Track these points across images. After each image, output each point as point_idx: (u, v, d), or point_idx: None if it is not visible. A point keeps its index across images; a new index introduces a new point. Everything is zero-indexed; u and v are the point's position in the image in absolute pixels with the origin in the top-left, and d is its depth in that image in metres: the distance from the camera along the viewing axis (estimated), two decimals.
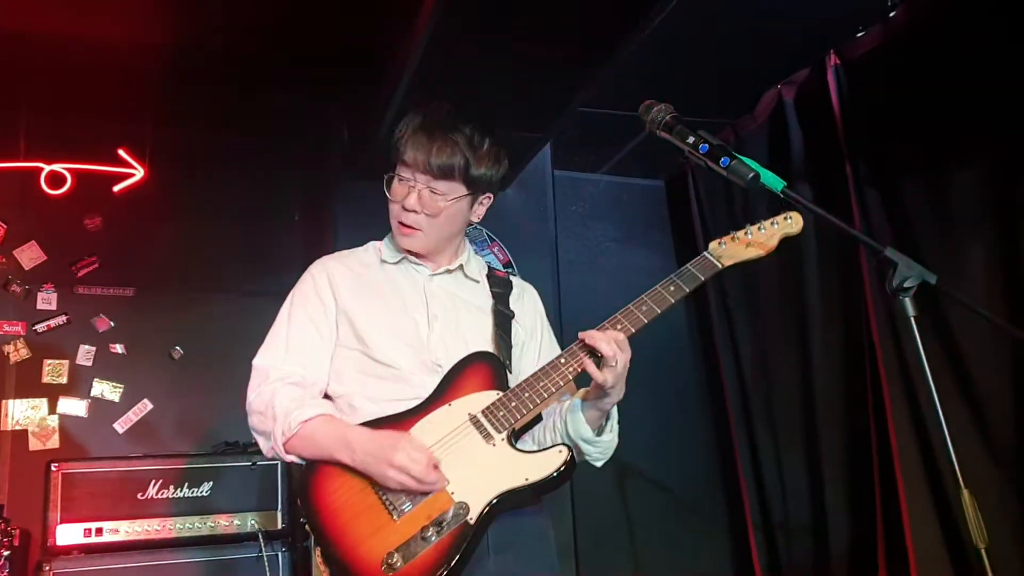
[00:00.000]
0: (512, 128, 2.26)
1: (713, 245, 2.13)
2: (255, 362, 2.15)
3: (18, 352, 4.29)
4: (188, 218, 4.60)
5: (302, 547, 3.73)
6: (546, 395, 1.98)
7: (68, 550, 3.46)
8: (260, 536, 3.66)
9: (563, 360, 2.01)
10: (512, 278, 2.36)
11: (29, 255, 4.43)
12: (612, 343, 1.93)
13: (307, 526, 1.95)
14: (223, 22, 3.79)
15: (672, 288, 2.05)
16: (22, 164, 4.41)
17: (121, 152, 4.54)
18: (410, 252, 2.20)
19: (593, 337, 1.94)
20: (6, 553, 3.36)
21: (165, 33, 3.86)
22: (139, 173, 4.56)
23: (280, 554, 3.67)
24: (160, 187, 4.62)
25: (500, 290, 2.28)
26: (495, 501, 1.90)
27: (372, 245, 2.30)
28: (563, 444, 1.99)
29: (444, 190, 2.09)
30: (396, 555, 1.83)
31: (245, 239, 4.68)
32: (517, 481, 1.92)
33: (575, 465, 1.96)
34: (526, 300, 2.33)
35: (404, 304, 2.17)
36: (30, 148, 4.43)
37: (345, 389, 2.12)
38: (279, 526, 3.74)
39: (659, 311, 2.02)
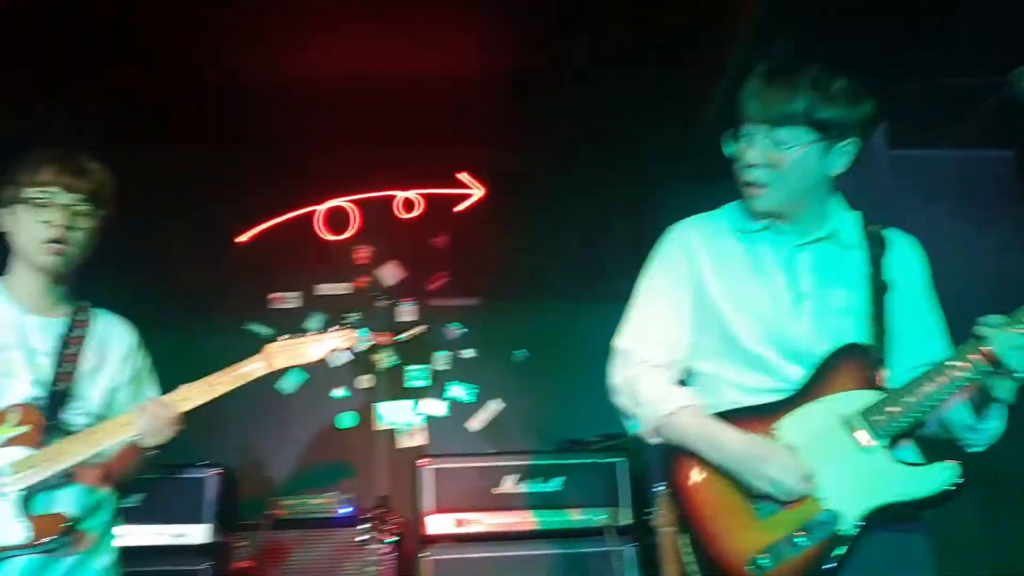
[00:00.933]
0: None
1: None
2: (617, 344, 2.10)
3: (386, 359, 4.82)
4: (524, 230, 4.88)
5: (648, 543, 3.78)
6: (934, 404, 1.78)
7: (439, 539, 3.79)
8: (608, 531, 3.78)
9: (956, 366, 1.76)
10: (888, 233, 2.07)
11: (390, 273, 4.97)
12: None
13: (673, 514, 1.92)
14: (544, 48, 4.01)
15: None
16: (381, 193, 5.00)
17: (462, 175, 4.99)
18: (766, 216, 2.00)
19: (997, 343, 1.71)
20: (395, 539, 3.77)
21: (496, 62, 4.16)
22: (479, 192, 4.98)
23: (627, 549, 3.75)
24: (497, 204, 5.00)
25: (877, 252, 2.02)
26: (868, 514, 1.77)
27: (730, 208, 2.12)
28: (952, 460, 1.78)
29: (785, 138, 1.88)
30: (764, 556, 1.77)
31: (578, 247, 4.90)
32: (894, 496, 1.77)
33: (962, 483, 1.76)
34: (906, 260, 2.06)
35: (768, 280, 1.99)
36: (386, 178, 5.00)
37: (708, 369, 2.04)
38: (626, 522, 3.81)
39: None
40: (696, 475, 1.91)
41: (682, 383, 2.09)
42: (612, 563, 3.72)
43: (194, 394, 2.13)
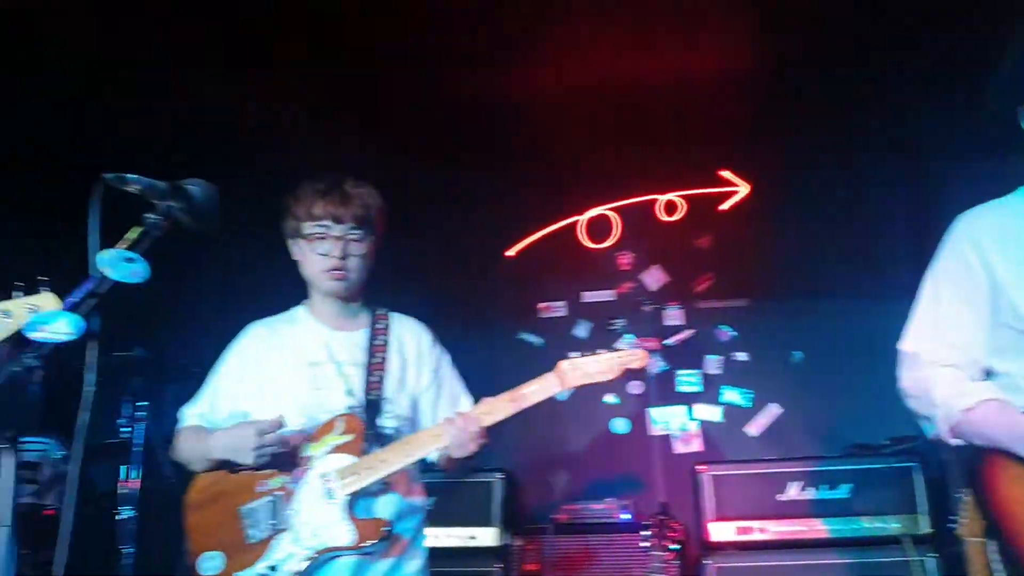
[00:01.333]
0: None
1: None
2: (903, 347, 2.05)
3: (655, 364, 4.80)
4: (791, 226, 4.71)
5: (951, 553, 3.53)
6: None
7: (722, 546, 3.74)
8: (905, 540, 3.57)
9: None
10: None
11: (654, 277, 4.96)
12: None
13: (980, 523, 1.83)
14: (807, 36, 3.87)
15: None
16: (641, 198, 5.01)
17: (724, 173, 4.88)
18: None
19: None
20: (677, 547, 3.75)
21: (757, 54, 4.06)
22: (743, 189, 4.86)
23: (927, 559, 3.53)
24: (762, 200, 4.84)
25: None
26: None
27: (1022, 192, 2.02)
28: None
29: None
30: None
31: (852, 240, 4.64)
32: None
33: None
34: None
35: None
36: (646, 182, 4.99)
37: (1009, 368, 1.93)
38: (925, 530, 3.60)
39: None
40: (1006, 475, 1.80)
41: None
42: (913, 574, 3.50)
43: (497, 409, 2.21)
